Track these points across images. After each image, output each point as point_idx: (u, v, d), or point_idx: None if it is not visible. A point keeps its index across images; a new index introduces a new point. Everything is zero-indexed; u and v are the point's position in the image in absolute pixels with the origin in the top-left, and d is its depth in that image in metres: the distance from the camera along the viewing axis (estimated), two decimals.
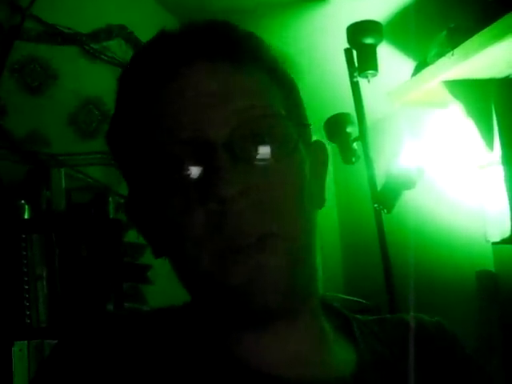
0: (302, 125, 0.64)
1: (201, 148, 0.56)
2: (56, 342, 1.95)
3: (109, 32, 2.67)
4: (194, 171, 0.56)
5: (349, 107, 1.87)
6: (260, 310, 0.57)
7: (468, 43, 1.50)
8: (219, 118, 0.57)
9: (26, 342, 2.03)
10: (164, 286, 2.45)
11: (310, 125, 0.66)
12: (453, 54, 1.54)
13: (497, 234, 1.66)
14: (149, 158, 0.58)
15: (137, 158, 0.60)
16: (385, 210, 1.77)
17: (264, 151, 0.57)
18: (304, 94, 0.67)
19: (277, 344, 0.61)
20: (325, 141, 1.58)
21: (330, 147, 1.82)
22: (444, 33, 1.61)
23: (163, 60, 0.59)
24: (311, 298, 0.64)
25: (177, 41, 0.60)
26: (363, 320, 0.71)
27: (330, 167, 0.69)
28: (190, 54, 0.59)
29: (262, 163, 0.57)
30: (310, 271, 0.62)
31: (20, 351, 2.01)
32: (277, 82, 0.63)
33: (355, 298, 1.95)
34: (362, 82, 1.84)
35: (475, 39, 1.48)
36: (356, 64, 1.82)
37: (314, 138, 0.68)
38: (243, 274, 0.55)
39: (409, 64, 1.87)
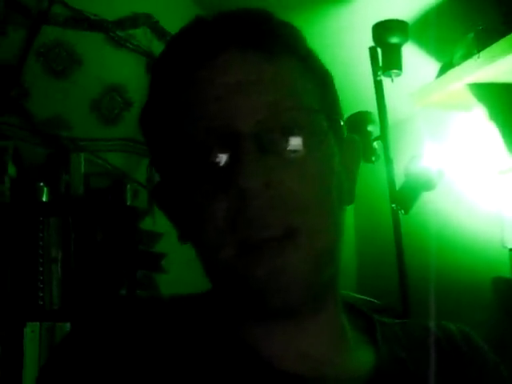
0: (334, 118, 0.63)
1: (228, 137, 0.56)
2: (68, 324, 1.95)
3: (134, 20, 2.68)
4: (220, 159, 0.56)
5: (371, 106, 1.87)
6: (278, 307, 0.56)
7: (495, 46, 1.49)
8: (248, 107, 0.56)
9: (38, 323, 2.05)
10: (178, 275, 2.46)
11: (343, 119, 0.65)
12: (479, 57, 1.53)
13: None
14: (178, 145, 0.58)
15: (166, 143, 0.60)
16: (402, 211, 1.76)
17: (291, 144, 0.57)
18: None
19: (293, 338, 0.60)
20: None
21: None
22: (471, 35, 1.59)
23: (195, 47, 0.59)
24: (332, 296, 0.63)
25: (209, 28, 0.60)
26: (388, 322, 0.70)
27: None
28: (223, 41, 0.59)
29: (288, 156, 0.57)
30: (334, 269, 0.61)
31: (32, 332, 2.03)
32: (311, 73, 0.62)
33: (368, 298, 1.94)
34: (386, 81, 1.84)
35: (502, 43, 1.47)
36: (380, 63, 1.82)
37: None
38: (264, 271, 0.55)
39: (433, 65, 1.86)
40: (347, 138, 0.66)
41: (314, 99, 0.61)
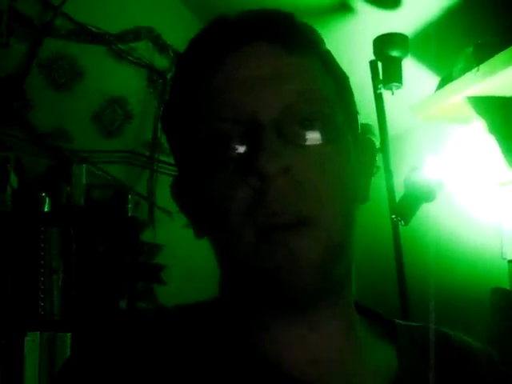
0: (351, 115, 0.64)
1: (249, 126, 0.57)
2: (68, 334, 1.94)
3: (136, 33, 2.70)
4: (241, 148, 0.57)
5: (371, 119, 1.88)
6: (293, 291, 0.56)
7: (494, 60, 1.50)
8: (270, 98, 0.57)
9: (38, 332, 2.06)
10: (177, 287, 2.47)
11: (358, 114, 0.66)
12: (478, 70, 1.54)
13: None
14: (200, 134, 0.59)
15: (188, 134, 0.61)
16: (402, 222, 1.77)
17: (311, 134, 0.58)
18: None
19: (302, 340, 0.60)
20: None
21: None
22: (470, 49, 1.61)
23: (220, 39, 0.61)
24: (345, 295, 0.63)
25: (235, 23, 0.62)
26: (406, 325, 0.69)
27: None
28: (247, 34, 0.60)
29: (308, 146, 0.58)
30: (346, 265, 0.61)
31: (32, 341, 2.04)
32: (329, 70, 0.64)
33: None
34: (386, 94, 1.86)
35: (501, 56, 1.48)
36: (381, 76, 1.84)
37: None
38: (278, 259, 0.55)
39: (433, 79, 1.88)
40: (363, 139, 0.67)
41: (332, 93, 0.62)
